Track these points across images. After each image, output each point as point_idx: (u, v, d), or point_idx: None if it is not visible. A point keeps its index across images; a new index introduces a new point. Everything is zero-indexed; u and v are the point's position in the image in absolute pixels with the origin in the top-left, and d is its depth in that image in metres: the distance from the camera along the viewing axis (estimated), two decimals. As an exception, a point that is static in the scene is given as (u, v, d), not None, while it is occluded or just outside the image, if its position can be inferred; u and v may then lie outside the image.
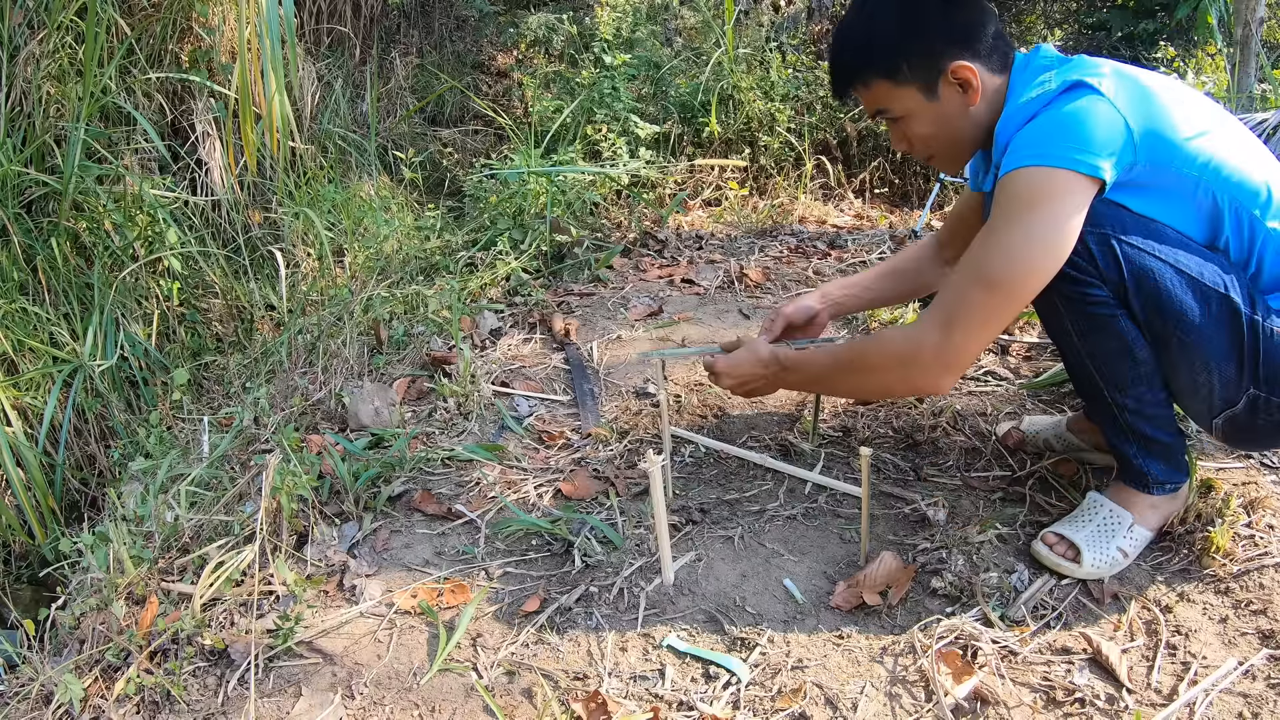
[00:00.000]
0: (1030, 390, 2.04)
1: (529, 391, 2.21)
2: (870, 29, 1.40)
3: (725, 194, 3.83)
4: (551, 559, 1.62)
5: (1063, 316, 1.36)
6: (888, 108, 1.43)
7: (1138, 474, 1.48)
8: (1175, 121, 1.28)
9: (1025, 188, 1.25)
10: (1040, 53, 1.40)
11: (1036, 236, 1.24)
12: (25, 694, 1.45)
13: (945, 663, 1.33)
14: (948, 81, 1.38)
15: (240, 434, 2.11)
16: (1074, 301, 1.33)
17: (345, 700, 1.34)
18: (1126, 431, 1.44)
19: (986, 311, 1.28)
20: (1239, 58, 3.64)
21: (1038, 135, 1.26)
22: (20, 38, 2.93)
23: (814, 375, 1.54)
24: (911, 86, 1.39)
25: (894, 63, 1.37)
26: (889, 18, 1.37)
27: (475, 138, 4.89)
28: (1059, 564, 1.47)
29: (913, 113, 1.41)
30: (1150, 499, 1.49)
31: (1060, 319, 1.37)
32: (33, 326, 2.66)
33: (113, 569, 1.61)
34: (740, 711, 1.28)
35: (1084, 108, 1.25)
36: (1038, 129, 1.27)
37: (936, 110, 1.40)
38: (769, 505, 1.73)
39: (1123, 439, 1.46)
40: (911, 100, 1.40)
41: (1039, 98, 1.31)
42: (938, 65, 1.37)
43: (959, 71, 1.36)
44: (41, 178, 2.81)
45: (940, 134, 1.43)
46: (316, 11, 4.50)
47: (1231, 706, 1.23)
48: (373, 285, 2.70)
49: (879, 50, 1.38)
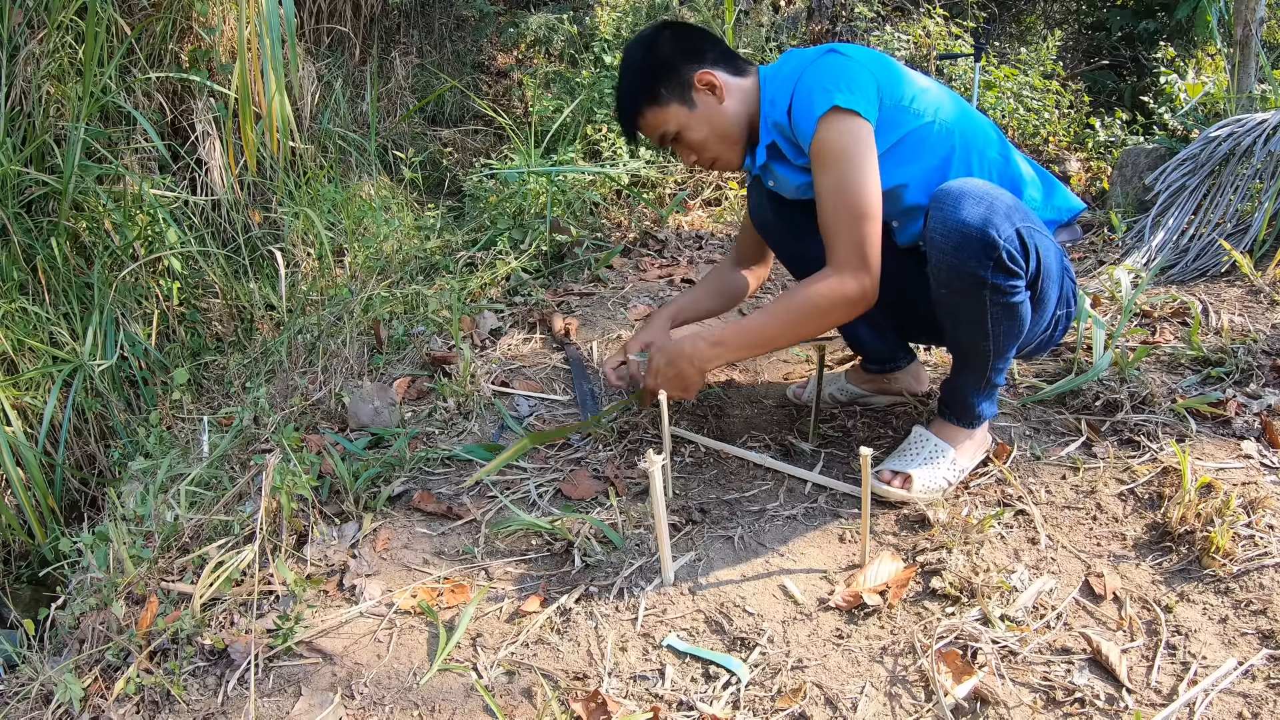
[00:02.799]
0: (1034, 403, 2.04)
1: (529, 391, 2.21)
2: (629, 70, 1.71)
3: (725, 194, 3.83)
4: (551, 559, 1.62)
5: (987, 312, 1.53)
6: (665, 128, 1.71)
7: (970, 414, 1.70)
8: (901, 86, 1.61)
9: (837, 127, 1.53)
10: None
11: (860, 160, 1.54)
12: (25, 694, 1.45)
13: (945, 663, 1.33)
14: (697, 89, 1.67)
15: (240, 434, 2.11)
16: (1002, 301, 1.52)
17: (345, 700, 1.34)
18: (985, 383, 1.67)
19: (874, 231, 1.56)
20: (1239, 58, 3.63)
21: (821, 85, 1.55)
22: (20, 37, 2.93)
23: (754, 340, 1.67)
24: (673, 103, 1.68)
25: (653, 90, 1.68)
26: (638, 60, 1.69)
27: (475, 138, 4.89)
28: (889, 492, 1.66)
29: (684, 124, 1.69)
30: (968, 433, 1.72)
31: (983, 314, 1.53)
32: (33, 326, 2.66)
33: (112, 569, 1.61)
34: (740, 711, 1.28)
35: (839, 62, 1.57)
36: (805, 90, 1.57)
37: (698, 115, 1.68)
38: (769, 505, 1.73)
39: (976, 389, 1.68)
40: (679, 114, 1.69)
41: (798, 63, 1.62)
42: (684, 78, 1.67)
43: (703, 77, 1.67)
44: (41, 177, 2.81)
45: (711, 134, 1.70)
46: (316, 11, 4.51)
47: (1231, 706, 1.23)
48: (373, 285, 2.70)
49: (640, 84, 1.69)
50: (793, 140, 1.64)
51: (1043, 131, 4.30)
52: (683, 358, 1.68)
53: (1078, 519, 1.63)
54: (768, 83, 1.69)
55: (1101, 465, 1.77)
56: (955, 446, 1.71)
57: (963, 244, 1.45)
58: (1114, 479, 1.72)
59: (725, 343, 1.67)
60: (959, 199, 1.46)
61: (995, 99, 4.31)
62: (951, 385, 1.72)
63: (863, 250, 1.55)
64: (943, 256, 1.48)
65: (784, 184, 1.74)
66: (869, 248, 1.55)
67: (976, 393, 1.68)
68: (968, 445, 1.73)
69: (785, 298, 1.63)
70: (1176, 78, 4.09)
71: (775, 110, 1.64)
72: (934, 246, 1.49)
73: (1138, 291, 2.35)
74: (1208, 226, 2.86)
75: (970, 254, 1.45)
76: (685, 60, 1.67)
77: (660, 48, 1.68)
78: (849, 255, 1.55)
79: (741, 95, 1.69)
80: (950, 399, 1.72)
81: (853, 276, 1.56)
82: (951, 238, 1.45)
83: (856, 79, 1.54)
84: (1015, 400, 2.02)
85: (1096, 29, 5.94)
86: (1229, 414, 1.86)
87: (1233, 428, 1.83)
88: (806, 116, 1.55)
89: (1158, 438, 1.82)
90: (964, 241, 1.45)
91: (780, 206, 1.84)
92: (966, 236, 1.44)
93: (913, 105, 1.60)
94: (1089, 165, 4.02)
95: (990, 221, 1.43)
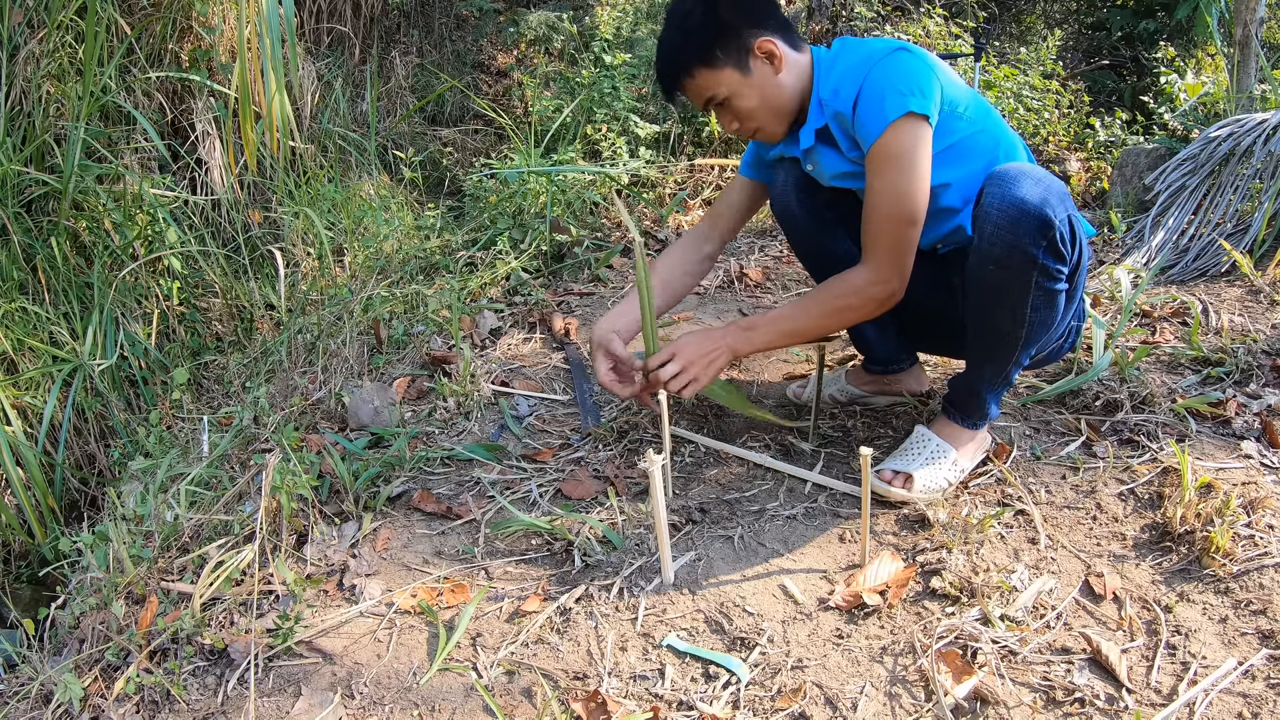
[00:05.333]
0: (1034, 403, 2.04)
1: (529, 391, 2.21)
2: (684, 28, 1.60)
3: (725, 194, 3.82)
4: (551, 559, 1.62)
5: (1029, 294, 1.53)
6: (714, 92, 1.62)
7: (979, 411, 1.71)
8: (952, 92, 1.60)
9: (904, 131, 1.50)
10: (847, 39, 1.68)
11: (919, 170, 1.52)
12: (25, 693, 1.45)
13: (945, 663, 1.33)
14: (755, 56, 1.60)
15: (240, 433, 2.11)
16: (1046, 285, 1.52)
17: (345, 700, 1.34)
18: (1002, 380, 1.67)
19: (915, 239, 1.56)
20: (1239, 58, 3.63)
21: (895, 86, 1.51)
22: (20, 37, 2.93)
23: (785, 331, 1.67)
24: (727, 67, 1.59)
25: (709, 50, 1.58)
26: (696, 16, 1.59)
27: (475, 137, 4.89)
28: (890, 492, 1.66)
29: (735, 90, 1.61)
30: (971, 434, 1.73)
31: (1025, 295, 1.53)
32: (32, 326, 2.66)
33: (112, 568, 1.61)
34: (740, 711, 1.28)
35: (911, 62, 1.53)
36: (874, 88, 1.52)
37: (752, 83, 1.61)
38: (769, 505, 1.73)
39: (992, 384, 1.67)
40: (731, 79, 1.60)
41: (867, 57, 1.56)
42: (744, 44, 1.59)
43: (763, 45, 1.59)
44: (41, 177, 2.81)
45: (762, 105, 1.63)
46: (316, 11, 4.50)
47: (1231, 706, 1.23)
48: (372, 285, 2.70)
49: (694, 43, 1.59)
50: (850, 134, 1.61)
51: (1043, 131, 4.30)
52: (714, 343, 1.66)
53: (1078, 519, 1.63)
54: (825, 67, 1.63)
55: (1101, 465, 1.77)
56: (957, 447, 1.71)
57: (1020, 219, 1.45)
58: (1114, 479, 1.72)
59: (756, 329, 1.67)
60: (1018, 177, 1.47)
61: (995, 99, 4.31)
62: (965, 381, 1.72)
63: (902, 254, 1.56)
64: (998, 231, 1.48)
65: (824, 170, 1.70)
66: (908, 253, 1.56)
67: (991, 388, 1.68)
68: (969, 446, 1.73)
69: (820, 292, 1.65)
70: (1176, 78, 4.09)
71: (838, 100, 1.59)
72: (988, 221, 1.48)
73: (1138, 291, 2.35)
74: (1208, 226, 2.86)
75: (1026, 230, 1.45)
76: (747, 24, 1.59)
77: (722, 7, 1.59)
78: (888, 257, 1.56)
79: (797, 71, 1.64)
80: (960, 396, 1.72)
81: (887, 279, 1.57)
82: (1008, 212, 1.46)
83: (928, 83, 1.52)
84: (1015, 400, 2.02)
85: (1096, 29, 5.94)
86: (1229, 414, 1.86)
87: (1233, 428, 1.83)
88: (876, 118, 1.51)
89: (1158, 438, 1.82)
90: (1021, 217, 1.45)
91: (806, 198, 1.81)
92: (1024, 212, 1.45)
93: (965, 113, 1.60)
94: (1089, 165, 4.02)
95: (1047, 202, 1.45)
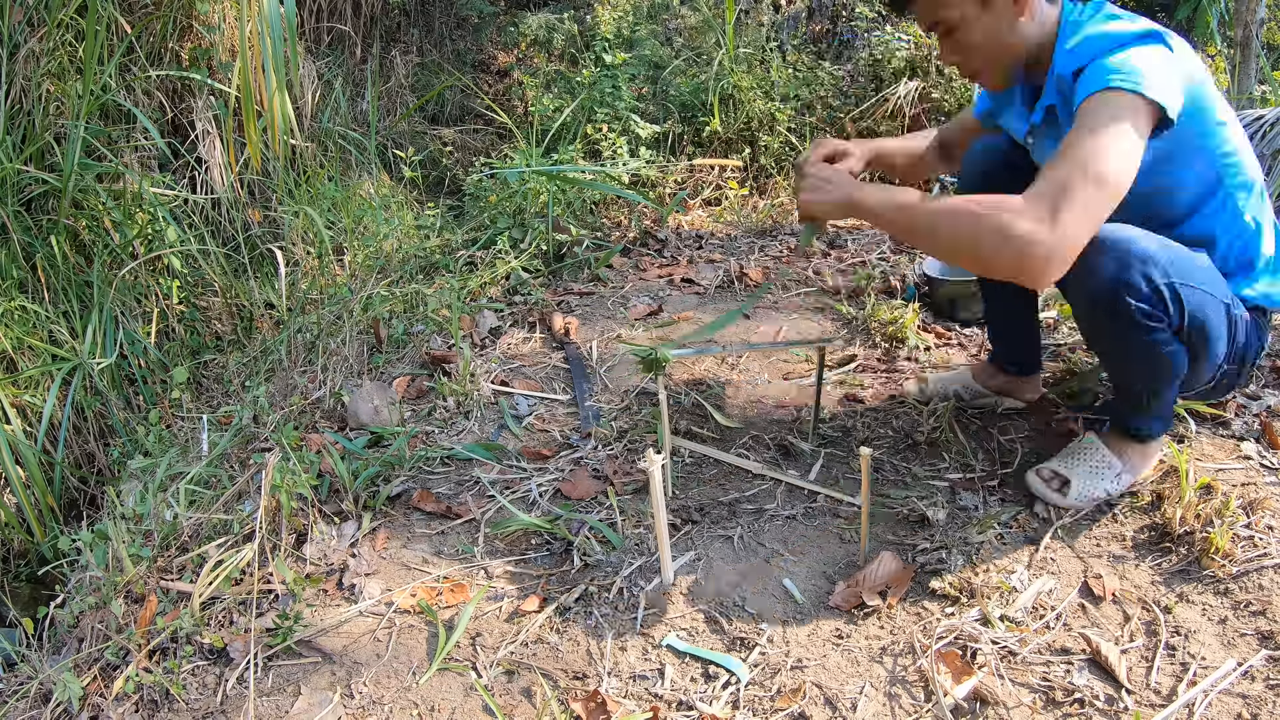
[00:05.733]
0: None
1: (529, 390, 2.21)
2: None
3: (725, 193, 3.83)
4: (551, 558, 1.62)
5: (1133, 349, 1.47)
6: (944, 16, 1.49)
7: (1136, 431, 1.64)
8: (1215, 105, 1.47)
9: (1125, 103, 1.31)
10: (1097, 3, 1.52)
11: (1131, 144, 1.30)
12: (24, 692, 1.45)
13: (945, 663, 1.33)
14: None
15: (239, 432, 2.10)
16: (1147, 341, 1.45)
17: (344, 699, 1.34)
18: (1145, 411, 1.61)
19: (1096, 206, 1.28)
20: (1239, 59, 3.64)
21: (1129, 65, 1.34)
22: (20, 35, 2.93)
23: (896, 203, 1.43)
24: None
25: None
26: None
27: (475, 137, 4.89)
28: (1044, 494, 1.64)
29: (967, 20, 1.48)
30: (1141, 447, 1.66)
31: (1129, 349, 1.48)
32: (32, 324, 2.66)
33: (111, 567, 1.61)
34: (740, 711, 1.28)
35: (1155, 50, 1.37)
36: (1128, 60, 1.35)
37: (988, 20, 1.48)
38: (768, 505, 1.73)
39: (1137, 414, 1.63)
40: (967, 7, 1.47)
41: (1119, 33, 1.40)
42: None
43: None
44: (41, 175, 2.81)
45: (988, 45, 1.50)
46: (317, 10, 4.50)
47: (1230, 707, 1.23)
48: (372, 284, 2.70)
49: None
50: (1069, 102, 1.44)
51: (1043, 132, 4.30)
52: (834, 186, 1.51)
53: (1077, 519, 1.63)
54: (1072, 26, 1.48)
55: (1101, 466, 1.77)
56: (1124, 460, 1.65)
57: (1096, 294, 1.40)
58: (1114, 479, 1.72)
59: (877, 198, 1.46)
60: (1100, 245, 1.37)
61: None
62: (1113, 404, 1.69)
63: (1072, 208, 1.25)
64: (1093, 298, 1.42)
65: (1042, 151, 1.61)
66: (1081, 215, 1.26)
67: (1132, 416, 1.64)
68: (1137, 460, 1.66)
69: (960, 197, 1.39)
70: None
71: (1070, 63, 1.43)
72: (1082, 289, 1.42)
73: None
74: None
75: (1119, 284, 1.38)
76: None
77: None
78: (1054, 202, 1.26)
79: (1040, 21, 1.49)
80: (1113, 412, 1.70)
81: (1040, 221, 1.25)
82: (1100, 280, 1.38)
83: (1171, 78, 1.35)
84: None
85: (1097, 29, 5.93)
86: (1228, 414, 1.85)
87: (1232, 428, 1.83)
88: (1097, 80, 1.34)
89: (1157, 438, 1.82)
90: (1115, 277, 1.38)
91: (1013, 162, 1.70)
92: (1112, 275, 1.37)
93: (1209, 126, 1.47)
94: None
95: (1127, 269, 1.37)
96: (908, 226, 1.42)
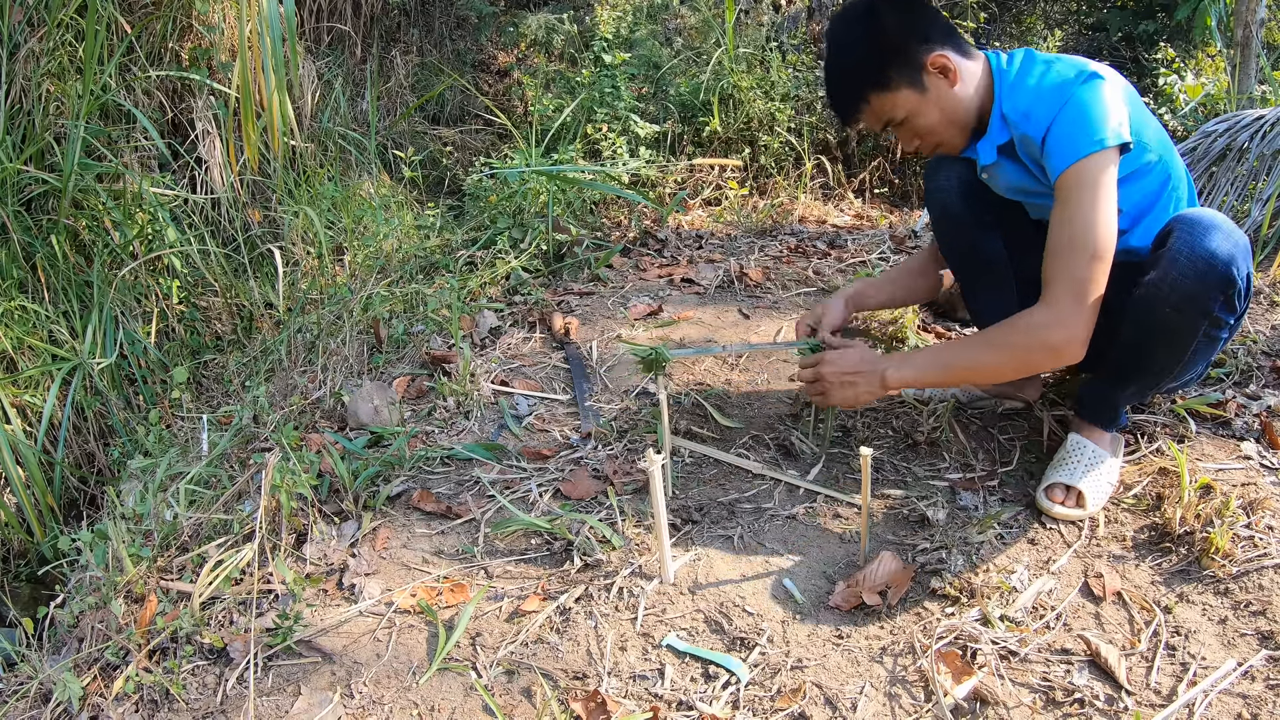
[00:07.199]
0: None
1: (529, 390, 2.21)
2: (849, 56, 1.59)
3: (725, 193, 3.83)
4: (551, 558, 1.62)
5: (1195, 339, 1.53)
6: (892, 115, 1.60)
7: (1112, 418, 1.71)
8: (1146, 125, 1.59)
9: (1097, 164, 1.46)
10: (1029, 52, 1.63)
11: (1110, 198, 1.46)
12: (24, 692, 1.45)
13: (945, 663, 1.33)
14: (929, 72, 1.57)
15: (239, 432, 2.10)
16: (1212, 333, 1.54)
17: (344, 699, 1.34)
18: (1138, 398, 1.71)
19: (1102, 275, 1.47)
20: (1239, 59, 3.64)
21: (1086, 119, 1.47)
22: (20, 35, 2.93)
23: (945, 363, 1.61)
24: (902, 88, 1.57)
25: (882, 74, 1.56)
26: (861, 42, 1.57)
27: (475, 137, 4.89)
28: (1070, 514, 1.63)
29: (914, 110, 1.59)
30: (1112, 436, 1.72)
31: (1190, 340, 1.53)
32: (32, 324, 2.66)
33: (111, 567, 1.61)
34: (740, 711, 1.28)
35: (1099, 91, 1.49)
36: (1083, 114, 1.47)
37: (929, 100, 1.58)
38: (768, 505, 1.73)
39: (1127, 400, 1.70)
40: (908, 99, 1.58)
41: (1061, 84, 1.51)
42: (916, 61, 1.56)
43: (936, 60, 1.56)
44: (41, 175, 2.81)
45: (941, 120, 1.61)
46: (316, 10, 4.50)
47: (1230, 707, 1.23)
48: (372, 284, 2.70)
49: (864, 69, 1.57)
50: (1038, 161, 1.57)
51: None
52: (861, 377, 1.64)
53: (1077, 519, 1.63)
54: (1009, 81, 1.59)
55: (1101, 466, 1.77)
56: (1110, 450, 1.70)
57: (1207, 273, 1.44)
58: (1114, 479, 1.72)
59: (911, 364, 1.62)
60: (1210, 228, 1.45)
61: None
62: (1102, 393, 1.70)
63: (1084, 293, 1.45)
64: (1182, 279, 1.46)
65: (1001, 181, 1.70)
66: (1090, 293, 1.46)
67: (1126, 401, 1.70)
68: (1118, 448, 1.73)
69: (990, 329, 1.59)
70: (1177, 79, 4.09)
71: (1029, 125, 1.54)
72: (1175, 267, 1.47)
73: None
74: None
75: (1210, 284, 1.45)
76: (915, 40, 1.55)
77: (886, 26, 1.54)
78: (1069, 295, 1.46)
79: (973, 80, 1.60)
80: (1097, 403, 1.71)
81: (1066, 320, 1.47)
82: (1197, 264, 1.45)
83: (1122, 113, 1.49)
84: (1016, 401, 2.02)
85: (1096, 30, 5.94)
86: (1229, 415, 1.86)
87: (1232, 429, 1.83)
88: (1068, 150, 1.47)
89: (1157, 438, 1.82)
90: (1209, 271, 1.44)
91: (968, 194, 1.80)
92: (1212, 267, 1.44)
93: (1145, 139, 1.57)
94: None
95: (1234, 259, 1.44)
96: (955, 381, 1.65)
